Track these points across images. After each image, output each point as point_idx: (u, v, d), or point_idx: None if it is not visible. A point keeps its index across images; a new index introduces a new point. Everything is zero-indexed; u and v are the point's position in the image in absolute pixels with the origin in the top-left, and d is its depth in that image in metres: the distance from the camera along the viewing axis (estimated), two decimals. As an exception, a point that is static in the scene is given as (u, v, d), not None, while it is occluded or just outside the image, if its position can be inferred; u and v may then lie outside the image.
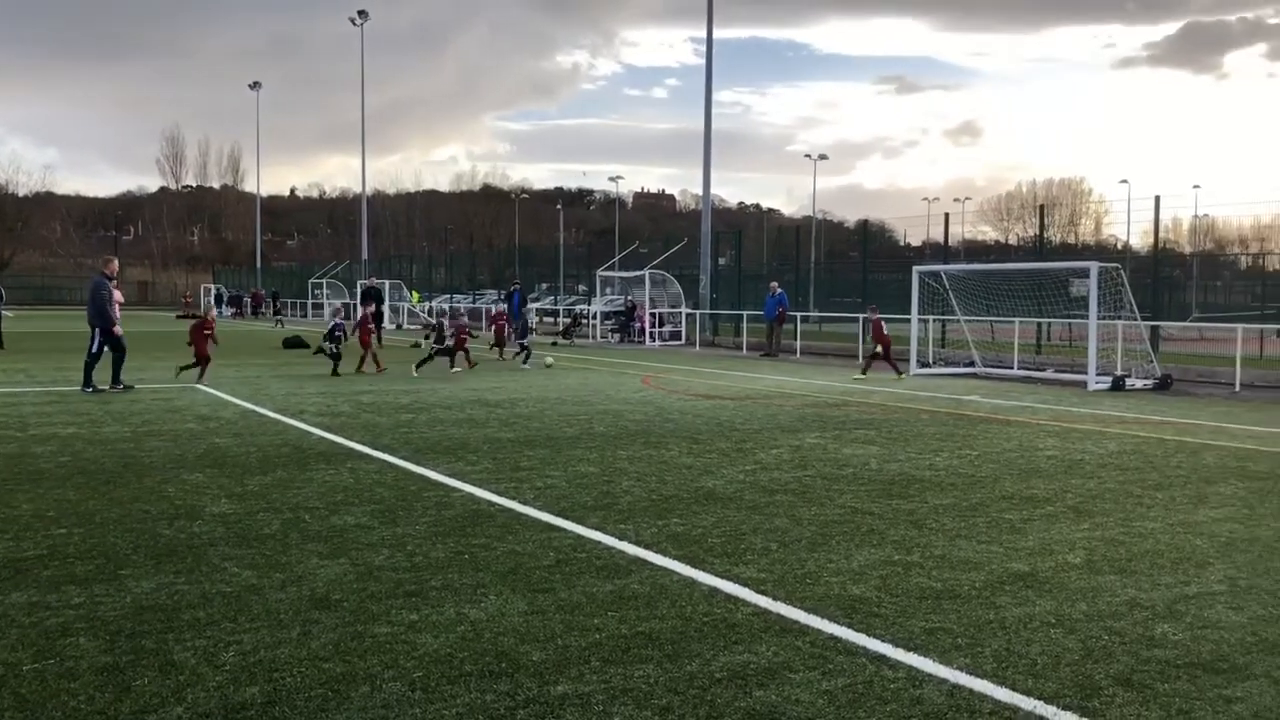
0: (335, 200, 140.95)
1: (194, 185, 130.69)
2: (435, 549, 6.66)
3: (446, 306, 48.83)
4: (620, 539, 6.96)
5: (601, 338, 38.12)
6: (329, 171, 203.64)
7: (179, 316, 55.80)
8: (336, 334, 21.20)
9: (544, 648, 4.82)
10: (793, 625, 5.18)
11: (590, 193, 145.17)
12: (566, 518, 7.60)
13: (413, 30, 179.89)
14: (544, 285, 56.40)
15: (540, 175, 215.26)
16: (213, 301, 55.76)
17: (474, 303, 50.97)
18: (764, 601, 5.57)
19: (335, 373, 20.26)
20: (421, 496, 8.39)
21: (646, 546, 6.75)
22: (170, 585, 5.79)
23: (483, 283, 56.97)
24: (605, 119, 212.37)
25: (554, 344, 34.15)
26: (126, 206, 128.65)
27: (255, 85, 78.62)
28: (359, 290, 43.44)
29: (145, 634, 4.95)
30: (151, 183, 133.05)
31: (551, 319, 47.54)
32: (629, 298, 37.01)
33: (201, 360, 18.44)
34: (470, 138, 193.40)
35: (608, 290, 40.63)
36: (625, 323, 36.43)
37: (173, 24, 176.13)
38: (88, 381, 16.38)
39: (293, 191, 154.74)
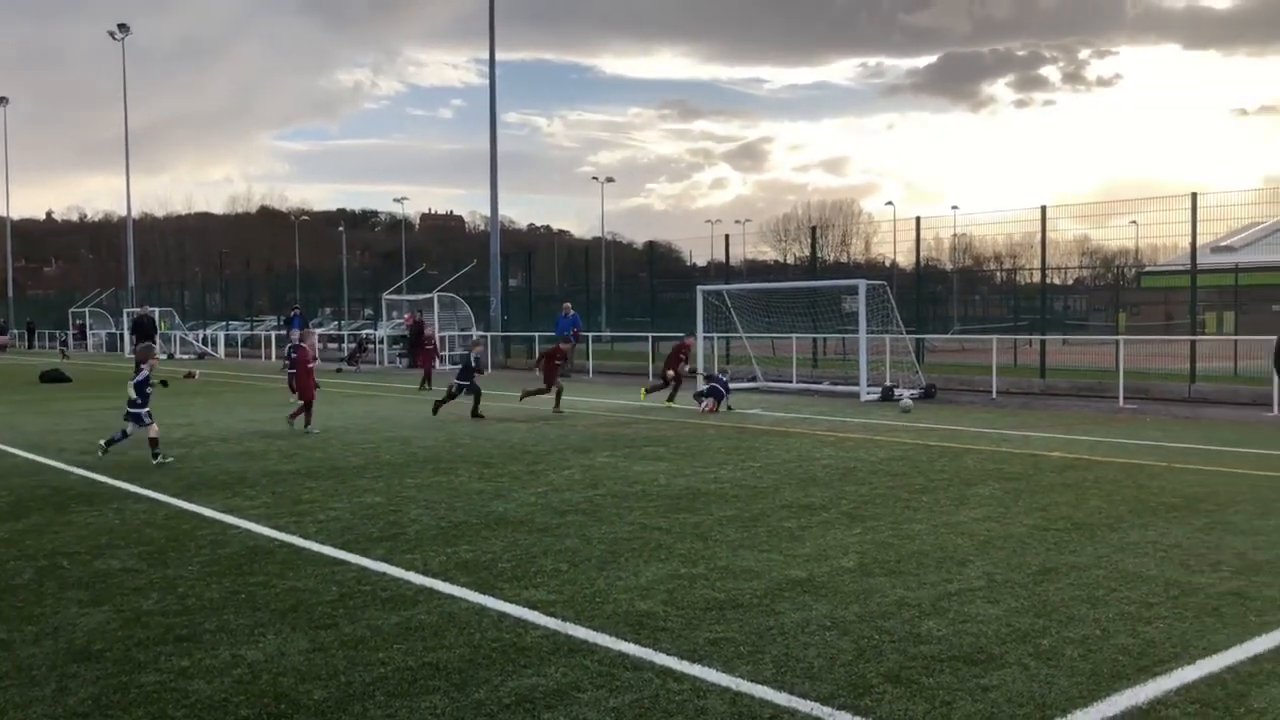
0: (98, 224, 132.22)
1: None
2: (209, 590, 6.34)
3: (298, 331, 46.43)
4: (407, 569, 6.82)
5: (389, 362, 37.33)
6: (90, 193, 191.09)
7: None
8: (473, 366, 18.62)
9: (326, 685, 4.67)
10: (581, 645, 5.22)
11: (375, 214, 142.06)
12: (351, 550, 7.39)
13: (180, 44, 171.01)
14: (328, 310, 54.76)
15: (321, 196, 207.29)
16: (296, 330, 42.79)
17: (252, 329, 48.91)
18: (553, 623, 5.58)
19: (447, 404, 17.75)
20: (195, 535, 7.97)
21: (435, 575, 6.65)
22: (-96, 647, 5.27)
23: (262, 308, 54.72)
24: (389, 139, 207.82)
25: (338, 370, 33.15)
26: None
27: (2, 100, 73.01)
28: (129, 319, 40.95)
29: (-127, 703, 4.49)
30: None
31: (336, 345, 46.16)
32: (414, 315, 36.23)
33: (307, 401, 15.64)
34: (246, 157, 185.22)
35: (394, 314, 39.81)
36: (413, 346, 35.76)
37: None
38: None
39: (49, 214, 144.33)
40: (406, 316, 36.82)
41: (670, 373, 20.27)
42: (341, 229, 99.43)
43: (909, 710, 4.35)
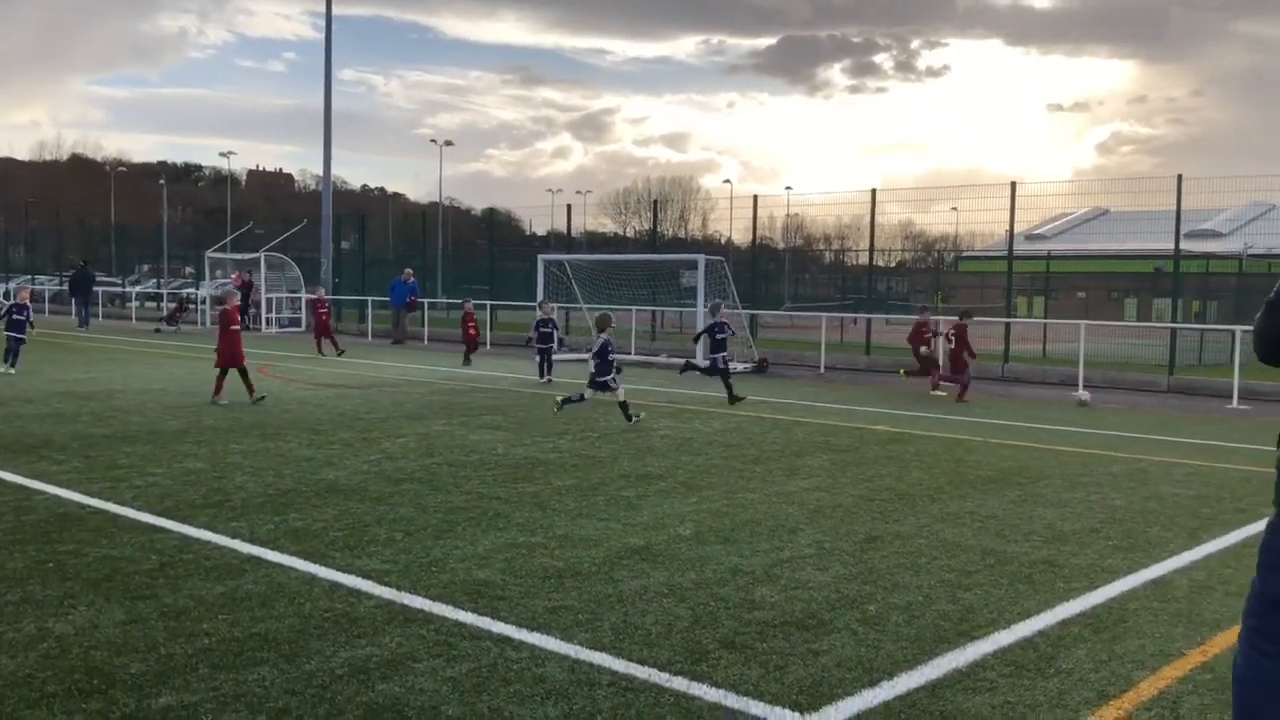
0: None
1: None
2: (12, 559, 5.93)
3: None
4: (233, 537, 6.54)
5: (213, 324, 35.75)
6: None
7: None
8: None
9: (144, 659, 4.43)
10: (417, 614, 5.11)
11: (199, 168, 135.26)
12: (171, 518, 7.04)
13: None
14: (145, 267, 52.12)
15: (141, 147, 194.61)
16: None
17: (61, 285, 46.04)
18: (388, 593, 5.45)
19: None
20: (-4, 501, 7.44)
21: (262, 544, 6.40)
22: None
23: (72, 263, 51.60)
24: (216, 90, 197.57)
25: (156, 330, 31.62)
26: None
27: None
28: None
29: None
30: None
31: (154, 304, 43.99)
32: (242, 275, 34.71)
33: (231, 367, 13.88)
34: (56, 102, 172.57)
35: (218, 273, 38.13)
36: (240, 306, 34.30)
37: None
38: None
39: None
40: (234, 276, 35.30)
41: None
42: (162, 182, 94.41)
43: (743, 675, 4.43)
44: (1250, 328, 3.15)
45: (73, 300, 35.65)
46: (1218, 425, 14.21)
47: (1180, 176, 20.40)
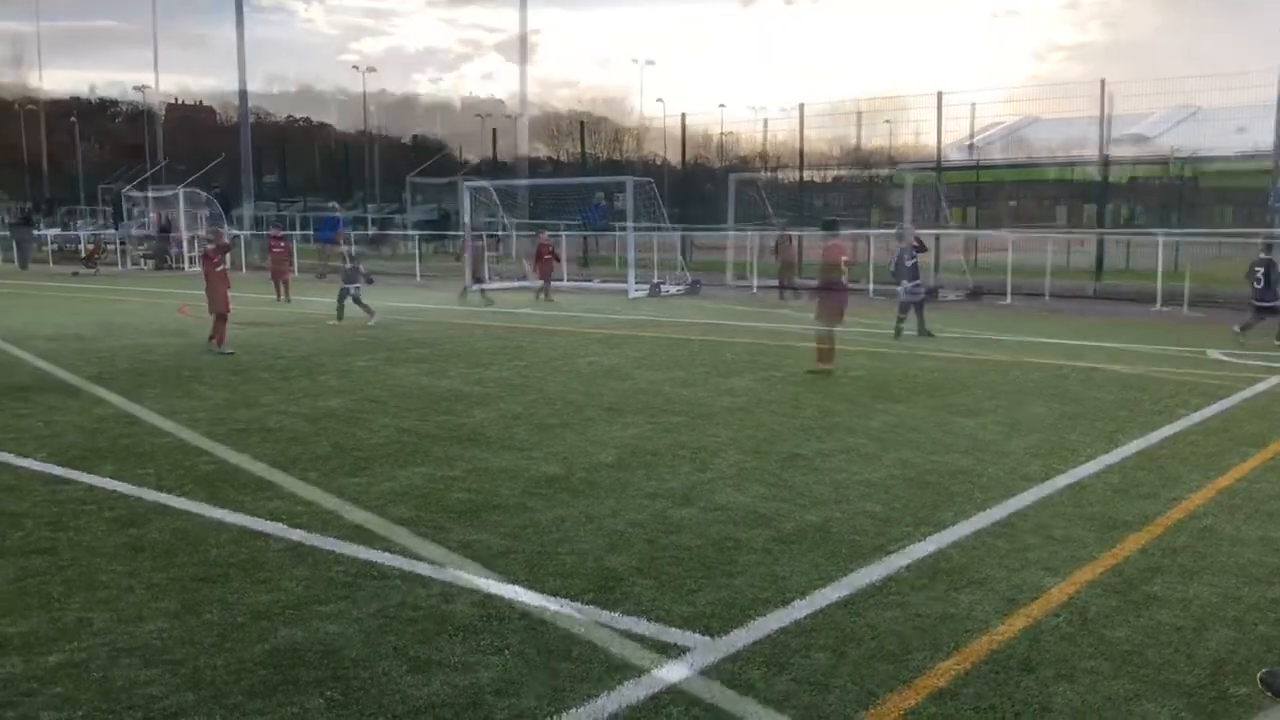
0: None
1: None
2: (-97, 519, 5.69)
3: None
4: (139, 485, 6.34)
5: (133, 264, 34.79)
6: None
7: None
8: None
9: (34, 617, 4.27)
10: (326, 556, 4.99)
11: (115, 104, 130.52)
12: (76, 467, 6.81)
13: None
14: (63, 209, 50.51)
15: (47, 84, 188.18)
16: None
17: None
18: (297, 535, 5.31)
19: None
20: (-110, 458, 7.14)
21: (169, 490, 6.21)
22: None
23: (17, 211, 49.92)
24: (130, 22, 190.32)
25: (75, 274, 30.69)
26: None
27: None
28: None
29: None
30: None
31: (73, 245, 42.67)
32: (164, 215, 33.75)
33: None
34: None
35: (136, 212, 37.00)
36: (161, 248, 33.42)
37: None
38: None
39: None
40: (154, 215, 34.31)
41: None
42: (74, 119, 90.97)
43: (656, 601, 4.38)
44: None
45: (14, 245, 35.17)
46: (1139, 329, 14.42)
47: (1103, 81, 20.49)
